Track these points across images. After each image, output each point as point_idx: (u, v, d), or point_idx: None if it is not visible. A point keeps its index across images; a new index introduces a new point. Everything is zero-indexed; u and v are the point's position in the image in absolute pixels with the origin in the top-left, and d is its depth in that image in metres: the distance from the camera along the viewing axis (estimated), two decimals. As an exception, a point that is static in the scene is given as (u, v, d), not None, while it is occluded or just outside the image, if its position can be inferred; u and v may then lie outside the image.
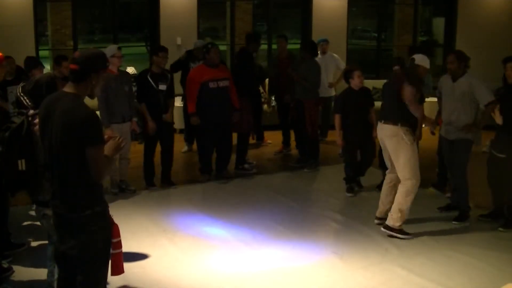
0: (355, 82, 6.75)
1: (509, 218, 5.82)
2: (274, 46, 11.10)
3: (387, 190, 5.83)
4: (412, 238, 5.49)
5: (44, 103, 3.28)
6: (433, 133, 6.53)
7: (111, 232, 3.35)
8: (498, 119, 5.78)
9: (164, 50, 6.90)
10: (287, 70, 8.06)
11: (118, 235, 3.51)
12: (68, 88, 3.21)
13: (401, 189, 5.52)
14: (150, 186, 7.02)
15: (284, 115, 8.68)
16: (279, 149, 8.89)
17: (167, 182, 7.11)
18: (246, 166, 7.91)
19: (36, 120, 3.76)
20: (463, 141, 5.92)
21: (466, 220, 5.96)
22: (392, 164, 5.67)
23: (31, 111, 3.96)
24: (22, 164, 3.80)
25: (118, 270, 3.59)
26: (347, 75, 6.90)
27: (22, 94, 5.64)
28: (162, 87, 6.75)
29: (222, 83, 7.18)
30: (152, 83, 6.74)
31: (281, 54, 8.38)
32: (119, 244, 3.53)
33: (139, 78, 7.00)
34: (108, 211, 3.32)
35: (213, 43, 7.57)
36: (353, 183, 7.03)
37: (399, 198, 5.50)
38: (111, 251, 3.39)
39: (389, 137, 5.59)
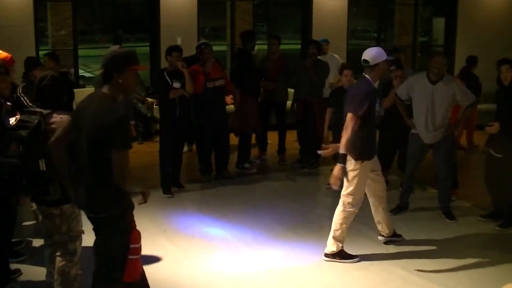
0: (343, 81, 6.94)
1: (508, 218, 5.81)
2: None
3: None
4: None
5: (79, 103, 3.42)
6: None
7: (129, 237, 3.35)
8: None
9: (178, 50, 6.86)
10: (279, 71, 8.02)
11: (138, 241, 3.45)
12: (103, 89, 3.32)
13: None
14: (167, 194, 6.83)
15: (266, 118, 8.28)
16: (257, 155, 8.47)
17: (178, 184, 7.05)
18: (246, 165, 7.92)
19: (51, 120, 3.79)
20: (445, 141, 5.85)
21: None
22: None
23: (44, 111, 3.94)
24: (42, 164, 3.79)
25: (131, 276, 3.46)
26: (340, 72, 7.09)
27: (22, 94, 5.65)
28: (176, 85, 6.74)
29: (218, 83, 7.23)
30: (168, 80, 6.74)
31: (273, 55, 8.29)
32: (137, 250, 3.43)
33: (157, 74, 7.06)
34: (129, 215, 3.34)
35: (207, 43, 7.53)
36: None
37: None
38: (129, 256, 3.37)
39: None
